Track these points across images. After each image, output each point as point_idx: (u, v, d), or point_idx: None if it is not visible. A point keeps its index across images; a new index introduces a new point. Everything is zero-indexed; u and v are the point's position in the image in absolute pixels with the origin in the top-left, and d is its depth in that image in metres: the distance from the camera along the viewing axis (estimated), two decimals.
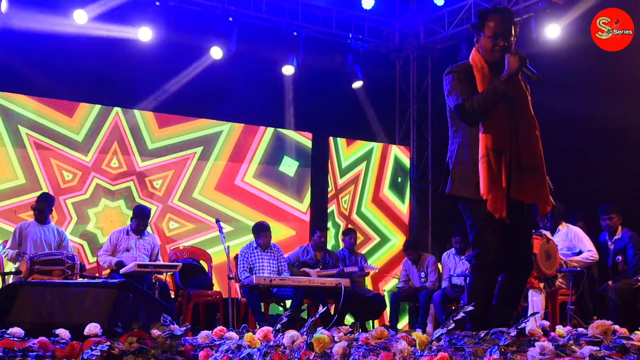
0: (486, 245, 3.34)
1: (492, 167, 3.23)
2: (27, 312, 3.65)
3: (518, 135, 3.34)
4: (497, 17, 3.42)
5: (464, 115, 3.35)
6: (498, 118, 3.31)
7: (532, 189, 3.33)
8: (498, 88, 3.29)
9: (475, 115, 3.31)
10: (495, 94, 3.28)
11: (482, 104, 3.29)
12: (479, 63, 3.43)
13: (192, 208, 8.35)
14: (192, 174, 8.39)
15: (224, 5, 7.97)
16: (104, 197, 7.87)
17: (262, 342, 2.86)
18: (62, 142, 7.72)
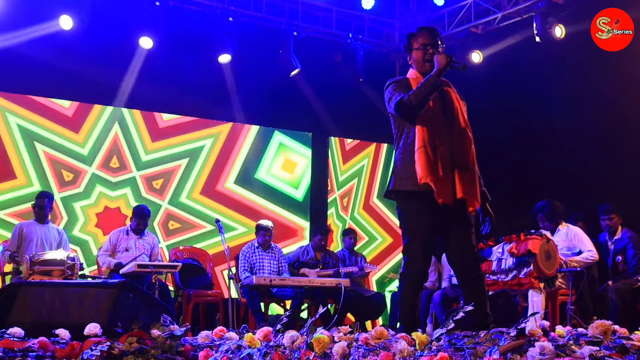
0: (415, 255, 3.61)
1: (429, 156, 3.53)
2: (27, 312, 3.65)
3: (452, 139, 3.65)
4: (424, 32, 3.87)
5: (404, 108, 3.61)
6: (434, 119, 3.64)
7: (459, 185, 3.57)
8: (430, 81, 3.59)
9: (413, 107, 3.59)
10: (428, 86, 3.58)
11: (418, 95, 3.57)
12: (414, 75, 3.81)
13: (188, 210, 8.36)
14: (189, 177, 8.40)
15: (224, 5, 7.96)
16: (104, 197, 7.87)
17: (262, 342, 2.86)
18: (62, 142, 7.73)
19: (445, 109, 3.71)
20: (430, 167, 3.51)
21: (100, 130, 7.95)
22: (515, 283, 5.09)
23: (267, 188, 8.87)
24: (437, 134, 3.59)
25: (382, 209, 9.71)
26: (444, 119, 3.68)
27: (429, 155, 3.53)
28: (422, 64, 3.80)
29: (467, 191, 3.58)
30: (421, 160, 3.54)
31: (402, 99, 3.60)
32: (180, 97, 8.21)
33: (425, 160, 3.53)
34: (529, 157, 8.09)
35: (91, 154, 7.88)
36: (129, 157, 8.07)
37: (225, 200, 8.57)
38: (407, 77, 3.82)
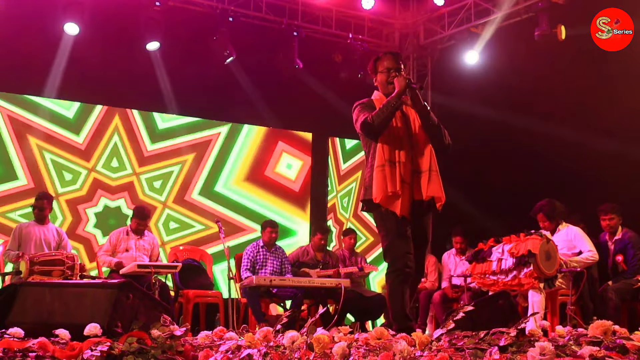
0: (396, 254, 3.91)
1: (385, 175, 3.90)
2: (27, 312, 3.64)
3: (414, 150, 4.01)
4: (389, 57, 4.18)
5: (368, 128, 3.97)
6: (396, 136, 3.99)
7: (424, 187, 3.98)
8: (391, 102, 3.96)
9: (376, 126, 3.95)
10: (390, 107, 3.95)
11: (380, 115, 3.94)
12: (378, 97, 4.15)
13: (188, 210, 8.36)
14: (189, 177, 8.40)
15: (224, 5, 7.97)
16: (104, 198, 7.88)
17: (262, 342, 2.86)
18: (62, 142, 7.73)
19: (407, 125, 4.06)
20: (384, 187, 3.88)
21: (100, 130, 7.95)
22: (515, 283, 5.09)
23: (268, 188, 8.88)
24: (398, 150, 3.96)
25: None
26: (407, 134, 4.02)
27: (385, 174, 3.90)
28: (385, 86, 4.13)
29: (432, 190, 3.98)
30: (377, 179, 3.92)
31: (367, 119, 3.95)
32: (180, 97, 8.22)
33: (380, 179, 3.90)
34: (529, 157, 8.08)
35: (91, 154, 7.88)
36: (129, 157, 8.07)
37: (225, 200, 8.58)
38: (371, 99, 4.16)
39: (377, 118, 3.93)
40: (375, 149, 3.99)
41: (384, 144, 3.96)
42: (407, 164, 3.95)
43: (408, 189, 3.93)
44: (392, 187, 3.87)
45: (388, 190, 3.87)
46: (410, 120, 4.07)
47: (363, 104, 4.13)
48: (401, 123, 4.03)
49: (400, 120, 4.03)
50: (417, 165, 4.00)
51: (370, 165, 4.03)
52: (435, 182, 4.02)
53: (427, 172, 4.00)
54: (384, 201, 3.88)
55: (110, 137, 7.99)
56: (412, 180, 3.97)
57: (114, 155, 8.00)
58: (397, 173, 3.90)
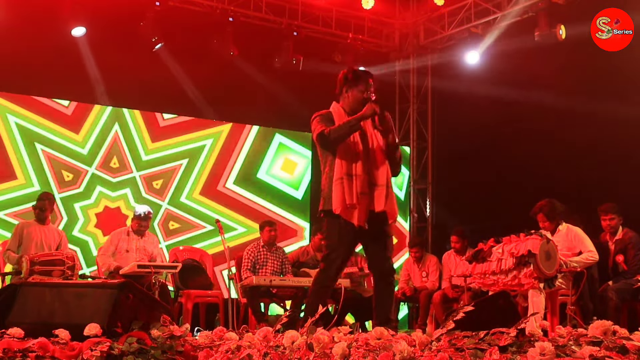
0: (330, 265, 4.20)
1: (344, 188, 4.09)
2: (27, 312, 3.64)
3: (371, 164, 4.19)
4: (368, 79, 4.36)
5: (323, 140, 4.16)
6: (354, 150, 4.16)
7: (381, 201, 4.16)
8: (352, 122, 4.14)
9: (331, 141, 4.14)
10: (349, 127, 4.13)
11: (338, 131, 4.12)
12: (337, 110, 4.31)
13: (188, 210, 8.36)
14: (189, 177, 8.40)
15: (224, 5, 7.97)
16: (104, 197, 7.88)
17: (262, 342, 2.86)
18: (62, 142, 7.73)
19: (365, 140, 4.23)
20: (343, 199, 4.08)
21: (100, 130, 7.95)
22: (515, 283, 5.08)
23: (267, 188, 8.88)
24: (355, 164, 4.13)
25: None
26: (364, 149, 4.20)
27: (344, 186, 4.09)
28: (354, 104, 4.27)
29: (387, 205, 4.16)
30: (337, 192, 4.11)
31: (323, 132, 4.12)
32: (180, 97, 8.22)
33: (340, 192, 4.09)
34: (529, 157, 8.09)
35: (91, 154, 7.88)
36: (129, 157, 8.07)
37: (225, 200, 8.58)
38: (330, 112, 4.31)
39: (334, 133, 4.11)
40: (334, 161, 4.18)
41: (342, 159, 4.14)
42: (364, 176, 4.14)
43: (366, 200, 4.12)
44: (350, 199, 4.07)
45: (346, 203, 4.07)
46: (367, 136, 4.24)
47: (322, 115, 4.28)
48: (359, 138, 4.20)
49: (358, 136, 4.20)
50: (374, 178, 4.18)
51: (327, 176, 4.22)
52: (390, 197, 4.21)
53: (384, 187, 4.18)
54: (343, 212, 4.08)
55: (111, 138, 7.98)
56: (369, 191, 4.16)
57: (114, 155, 7.99)
58: (354, 186, 4.09)
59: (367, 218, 4.13)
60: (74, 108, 7.89)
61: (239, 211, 8.63)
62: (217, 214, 8.16)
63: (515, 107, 8.14)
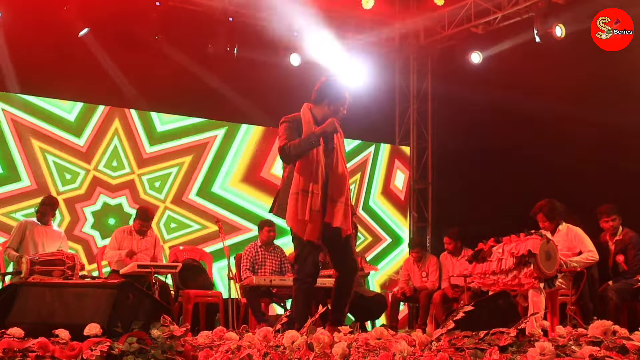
0: (303, 263, 4.25)
1: (297, 203, 4.13)
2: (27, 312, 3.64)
3: (330, 179, 4.21)
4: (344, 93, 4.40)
5: (283, 154, 4.21)
6: (313, 164, 4.16)
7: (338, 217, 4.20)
8: (311, 139, 4.15)
9: (290, 156, 4.18)
10: (308, 144, 4.15)
11: (297, 148, 4.15)
12: (307, 116, 4.28)
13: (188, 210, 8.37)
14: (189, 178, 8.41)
15: (224, 5, 7.96)
16: (104, 197, 7.88)
17: (262, 342, 2.86)
18: (62, 142, 7.73)
19: (327, 153, 4.24)
20: (295, 213, 4.12)
21: (101, 132, 7.95)
22: (515, 283, 5.08)
23: (267, 189, 8.87)
24: (313, 180, 4.14)
25: (382, 209, 9.71)
26: (326, 164, 4.22)
27: (298, 202, 4.12)
28: (327, 114, 4.29)
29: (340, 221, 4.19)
30: (291, 207, 4.15)
31: (284, 146, 4.17)
32: (180, 97, 8.22)
33: (293, 207, 4.13)
34: (530, 157, 8.09)
35: (91, 155, 7.88)
36: (129, 157, 8.07)
37: (225, 200, 8.57)
38: (299, 117, 4.29)
39: (294, 150, 4.15)
40: (292, 172, 4.20)
41: (300, 173, 4.16)
42: (320, 194, 4.16)
43: (320, 216, 4.16)
44: (302, 215, 4.11)
45: (298, 217, 4.13)
46: (330, 151, 4.26)
47: (289, 122, 4.28)
48: (322, 152, 4.21)
49: (322, 150, 4.21)
50: (333, 194, 4.21)
51: (285, 183, 4.26)
52: (346, 214, 4.24)
53: (341, 204, 4.22)
54: (294, 226, 4.17)
55: (110, 138, 7.98)
56: (323, 207, 4.19)
57: (114, 156, 7.99)
58: (308, 203, 4.12)
59: (322, 232, 4.18)
60: (76, 109, 7.87)
61: (239, 211, 8.63)
62: (217, 214, 8.15)
63: (515, 107, 8.14)
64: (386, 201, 9.72)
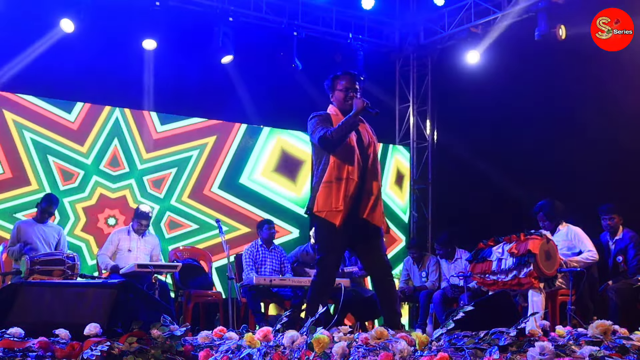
0: (325, 268, 4.26)
1: (331, 191, 4.16)
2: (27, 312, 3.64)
3: (365, 170, 4.28)
4: (347, 77, 4.43)
5: (326, 142, 4.21)
6: (349, 153, 4.23)
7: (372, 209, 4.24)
8: (349, 121, 4.20)
9: (334, 142, 4.19)
10: (348, 125, 4.19)
11: (339, 132, 4.18)
12: (334, 112, 4.39)
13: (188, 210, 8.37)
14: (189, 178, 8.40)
15: (224, 5, 7.97)
16: (105, 197, 7.88)
17: (262, 342, 2.86)
18: (62, 142, 7.74)
19: (361, 145, 4.32)
20: (329, 201, 4.15)
21: (101, 131, 7.95)
22: (515, 283, 5.08)
23: (267, 188, 8.87)
24: (348, 168, 4.19)
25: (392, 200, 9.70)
26: (359, 153, 4.27)
27: (332, 190, 4.16)
28: (342, 103, 4.38)
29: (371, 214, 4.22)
30: (322, 194, 4.19)
31: (326, 134, 4.18)
32: (182, 98, 8.22)
33: (325, 195, 4.17)
34: (530, 157, 8.09)
35: (91, 154, 7.87)
36: (129, 157, 8.06)
37: (225, 200, 8.57)
38: (328, 113, 4.39)
39: (336, 134, 4.16)
40: (327, 163, 4.23)
41: (336, 160, 4.20)
42: (356, 180, 4.20)
43: (353, 204, 4.18)
44: (336, 203, 4.13)
45: (332, 206, 4.14)
46: (364, 142, 4.33)
47: (320, 116, 4.35)
48: (356, 143, 4.27)
49: (355, 141, 4.27)
50: (368, 185, 4.26)
51: (319, 176, 4.26)
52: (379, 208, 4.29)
53: (375, 197, 4.27)
54: (328, 215, 4.15)
55: (110, 138, 7.98)
56: (358, 197, 4.21)
57: (114, 156, 7.99)
58: (342, 189, 4.15)
59: (353, 223, 4.17)
60: (76, 109, 7.88)
61: (240, 211, 8.62)
62: (217, 214, 8.15)
63: (515, 107, 8.14)
64: (386, 201, 9.73)
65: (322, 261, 4.27)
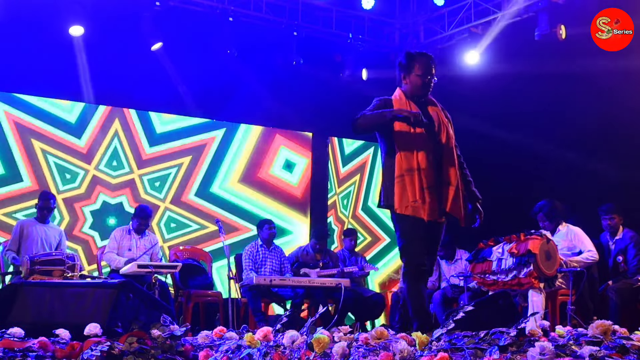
0: (412, 253, 3.83)
1: (405, 186, 3.76)
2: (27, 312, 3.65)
3: (441, 158, 3.86)
4: (429, 62, 4.00)
5: (353, 123, 3.85)
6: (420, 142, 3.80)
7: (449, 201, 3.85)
8: (387, 116, 3.78)
9: (355, 126, 3.83)
10: (381, 119, 3.79)
11: (366, 119, 3.82)
12: (398, 97, 3.96)
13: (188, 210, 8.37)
14: (189, 178, 8.41)
15: (224, 5, 7.96)
16: (104, 197, 7.88)
17: (262, 342, 2.86)
18: (62, 142, 7.74)
19: (432, 131, 3.88)
20: (405, 197, 3.76)
21: (101, 131, 7.95)
22: (515, 283, 5.08)
23: (267, 188, 8.87)
24: (420, 157, 3.78)
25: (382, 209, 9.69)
26: (432, 141, 3.85)
27: (405, 184, 3.77)
28: (416, 88, 3.96)
29: (452, 205, 3.85)
30: (397, 190, 3.79)
31: (359, 115, 3.83)
32: (181, 97, 8.21)
33: (400, 191, 3.78)
34: (529, 156, 8.09)
35: (92, 155, 7.88)
36: (129, 157, 8.07)
37: (224, 200, 8.57)
38: (390, 98, 3.98)
39: (362, 119, 3.84)
40: (393, 154, 3.86)
41: (403, 152, 3.81)
42: (430, 170, 3.81)
43: (430, 196, 3.79)
44: (413, 196, 3.75)
45: (409, 201, 3.76)
46: (435, 127, 3.92)
47: (381, 100, 3.98)
48: (424, 129, 3.85)
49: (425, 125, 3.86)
50: (444, 175, 3.87)
51: (388, 169, 3.89)
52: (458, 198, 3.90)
53: (453, 187, 3.88)
54: (407, 210, 3.77)
55: (110, 138, 7.99)
56: (435, 188, 3.83)
57: (115, 156, 7.99)
58: (416, 181, 3.77)
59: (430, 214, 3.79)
60: (77, 109, 7.88)
61: (239, 211, 8.62)
62: (217, 214, 8.16)
63: (515, 107, 8.14)
64: None
65: (406, 248, 3.86)
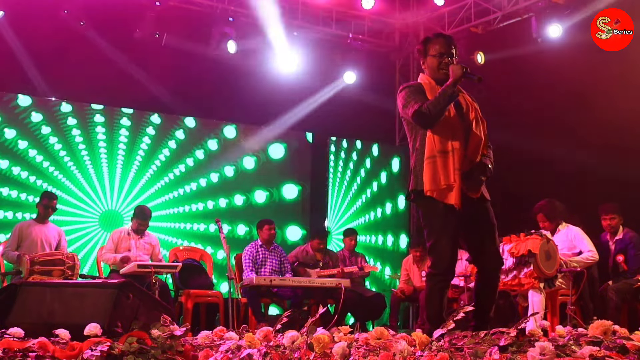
0: (441, 254, 3.64)
1: (436, 167, 3.62)
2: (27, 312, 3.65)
3: (469, 139, 3.73)
4: (441, 40, 3.87)
5: (422, 117, 3.66)
6: (449, 124, 3.69)
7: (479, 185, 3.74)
8: (447, 91, 3.64)
9: (431, 117, 3.65)
10: (446, 97, 3.63)
11: (437, 105, 3.64)
12: (426, 81, 3.84)
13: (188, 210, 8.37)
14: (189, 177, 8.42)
15: (224, 5, 7.96)
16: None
17: (262, 342, 2.86)
18: (63, 142, 7.74)
19: (461, 112, 3.77)
20: (436, 179, 3.61)
21: (102, 131, 7.96)
22: (515, 283, 5.09)
23: (267, 188, 8.88)
24: (451, 139, 3.66)
25: (392, 200, 9.70)
26: (460, 123, 3.74)
27: (437, 165, 3.62)
28: (436, 71, 3.83)
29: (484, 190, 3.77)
30: (428, 172, 3.63)
31: (421, 108, 3.65)
32: (181, 97, 8.22)
33: (431, 172, 3.62)
34: (529, 156, 8.09)
35: (92, 154, 7.88)
36: (129, 157, 8.07)
37: (224, 200, 8.57)
38: (420, 82, 3.86)
39: (433, 108, 3.62)
40: (424, 137, 3.71)
41: (435, 134, 3.66)
42: (461, 151, 3.67)
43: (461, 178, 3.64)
44: (445, 179, 3.60)
45: (441, 183, 3.60)
46: (464, 108, 3.79)
47: (411, 87, 3.82)
48: (455, 110, 3.73)
49: (453, 108, 3.73)
50: (472, 155, 3.73)
51: (418, 152, 3.75)
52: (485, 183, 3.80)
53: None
54: (437, 194, 3.61)
55: (110, 138, 7.99)
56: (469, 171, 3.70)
57: (114, 155, 8.00)
58: (450, 163, 3.62)
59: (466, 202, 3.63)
60: (74, 108, 7.88)
61: (239, 211, 8.63)
62: (217, 214, 8.16)
63: (515, 107, 8.14)
64: (386, 201, 9.72)
65: (435, 247, 3.67)
